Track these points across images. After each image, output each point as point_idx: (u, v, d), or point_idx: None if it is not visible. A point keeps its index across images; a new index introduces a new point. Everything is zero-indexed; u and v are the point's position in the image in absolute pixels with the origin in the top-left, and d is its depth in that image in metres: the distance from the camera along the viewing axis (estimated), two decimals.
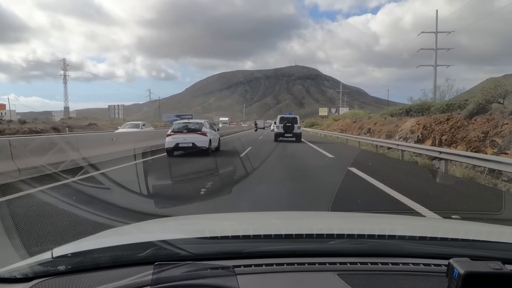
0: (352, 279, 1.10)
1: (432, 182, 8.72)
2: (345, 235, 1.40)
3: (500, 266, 0.94)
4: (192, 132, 13.45)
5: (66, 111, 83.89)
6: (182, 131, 13.48)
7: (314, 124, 61.24)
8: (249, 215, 2.80)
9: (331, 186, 7.21)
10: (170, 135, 13.31)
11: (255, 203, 5.87)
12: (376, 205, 5.77)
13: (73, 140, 10.75)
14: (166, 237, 1.34)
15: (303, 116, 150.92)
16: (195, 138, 13.21)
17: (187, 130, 13.59)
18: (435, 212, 4.99)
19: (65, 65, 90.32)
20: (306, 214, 2.73)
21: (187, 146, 13.06)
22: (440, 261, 1.20)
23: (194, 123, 14.60)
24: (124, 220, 3.44)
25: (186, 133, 13.41)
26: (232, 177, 8.53)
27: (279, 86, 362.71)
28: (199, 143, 13.15)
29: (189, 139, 13.14)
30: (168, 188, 7.15)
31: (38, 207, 5.46)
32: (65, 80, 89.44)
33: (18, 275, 1.17)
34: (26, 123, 35.50)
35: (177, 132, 13.39)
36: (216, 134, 15.70)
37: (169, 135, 13.36)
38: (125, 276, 1.11)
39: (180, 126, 13.90)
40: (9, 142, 7.83)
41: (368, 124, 28.57)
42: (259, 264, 1.18)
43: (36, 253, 1.37)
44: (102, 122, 49.22)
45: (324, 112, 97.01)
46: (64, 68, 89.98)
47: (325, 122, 54.53)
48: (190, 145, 13.03)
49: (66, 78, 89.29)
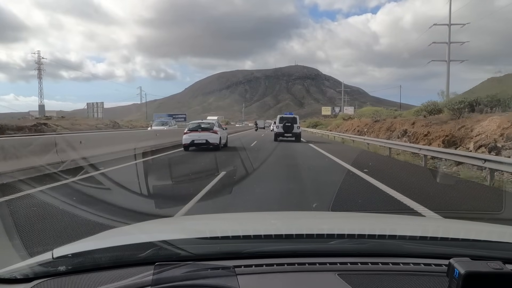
0: (353, 279, 1.10)
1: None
2: (346, 235, 1.40)
3: (501, 266, 0.94)
4: (205, 131, 15.70)
5: (41, 109, 67.79)
6: (197, 130, 15.82)
7: (318, 124, 57.44)
8: (250, 215, 2.81)
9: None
10: (187, 133, 15.63)
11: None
12: (377, 205, 5.77)
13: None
14: (167, 237, 1.35)
15: (303, 116, 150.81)
16: (207, 136, 15.46)
17: (201, 129, 15.84)
18: (435, 212, 4.99)
19: (40, 59, 75.98)
20: (306, 214, 2.74)
21: (201, 142, 15.34)
22: (440, 261, 1.20)
23: (206, 123, 16.94)
24: (125, 221, 3.45)
25: (200, 131, 15.71)
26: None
27: (279, 85, 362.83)
28: (211, 139, 15.40)
29: (203, 136, 15.42)
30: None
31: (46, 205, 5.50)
32: (40, 76, 74.94)
33: (19, 276, 1.17)
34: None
35: (192, 131, 15.76)
36: (225, 132, 18.13)
37: (186, 133, 15.67)
38: (126, 276, 1.11)
39: (195, 126, 16.23)
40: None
41: (402, 124, 21.14)
42: (260, 264, 1.18)
43: (36, 253, 1.37)
44: (80, 121, 41.08)
45: (327, 111, 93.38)
46: (39, 61, 75.43)
47: (333, 122, 48.80)
48: (203, 141, 15.32)
49: (41, 73, 74.73)
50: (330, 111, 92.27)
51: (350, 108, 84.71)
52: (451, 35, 35.12)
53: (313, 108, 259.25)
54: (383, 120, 26.51)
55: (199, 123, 16.68)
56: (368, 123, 28.54)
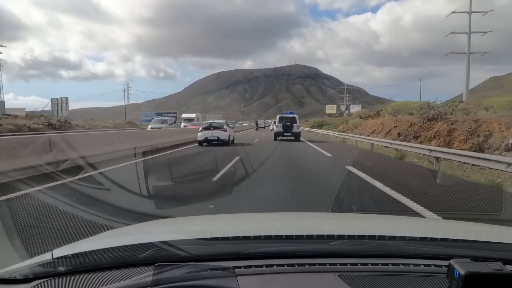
0: (353, 280, 1.10)
1: None
2: (346, 236, 1.40)
3: (501, 266, 0.94)
4: (216, 129, 18.50)
5: (1, 106, 51.99)
6: (209, 128, 18.65)
7: (324, 123, 50.01)
8: (250, 215, 2.82)
9: None
10: (201, 131, 18.45)
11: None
12: (377, 206, 5.76)
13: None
14: (167, 238, 1.35)
15: (303, 115, 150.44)
16: (218, 133, 18.27)
17: (213, 128, 18.65)
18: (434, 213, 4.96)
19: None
20: (306, 215, 2.74)
21: (213, 139, 18.04)
22: (440, 262, 1.20)
23: (217, 122, 19.85)
24: (124, 221, 3.45)
25: (212, 129, 18.49)
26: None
27: (278, 85, 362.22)
28: (221, 136, 18.23)
29: (215, 134, 18.20)
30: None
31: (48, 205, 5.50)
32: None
33: (19, 276, 1.18)
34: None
35: (205, 129, 18.61)
36: (232, 130, 21.01)
37: (200, 131, 18.52)
38: (126, 277, 1.11)
39: (207, 125, 19.04)
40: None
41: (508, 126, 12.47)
42: (260, 265, 1.18)
43: (36, 254, 1.37)
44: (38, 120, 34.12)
45: (332, 110, 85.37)
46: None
47: (350, 121, 37.76)
48: (215, 138, 18.06)
49: (0, 64, 59.64)
50: (336, 109, 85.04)
51: (357, 106, 79.56)
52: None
53: (314, 107, 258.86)
54: (448, 118, 17.03)
55: (211, 123, 19.38)
56: (414, 122, 19.71)
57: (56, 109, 51.05)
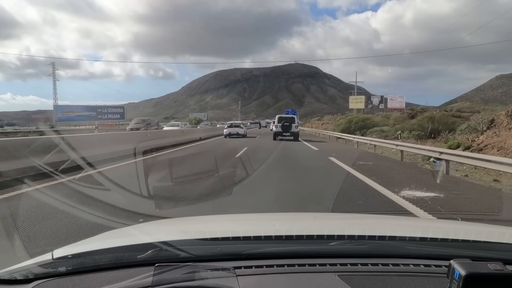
0: (353, 280, 1.10)
1: None
2: (346, 236, 1.40)
3: (501, 267, 0.94)
4: (237, 127, 29.00)
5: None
6: (231, 126, 29.22)
7: (369, 124, 30.65)
8: (250, 216, 2.82)
9: None
10: (226, 129, 28.97)
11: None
12: (377, 206, 5.76)
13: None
14: (167, 239, 1.34)
15: (303, 115, 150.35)
16: (238, 130, 28.61)
17: (234, 126, 29.32)
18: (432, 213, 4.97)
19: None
20: (306, 215, 2.74)
21: (234, 133, 28.11)
22: (441, 262, 1.20)
23: (236, 123, 30.73)
24: (125, 222, 3.45)
25: (234, 127, 28.97)
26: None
27: (278, 84, 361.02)
28: (240, 131, 28.42)
29: (236, 130, 28.53)
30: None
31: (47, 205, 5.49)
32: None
33: (19, 276, 1.18)
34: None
35: (229, 127, 29.03)
36: (245, 128, 31.87)
37: (226, 128, 29.18)
38: (126, 277, 1.11)
39: (230, 125, 29.89)
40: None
41: None
42: (260, 265, 1.18)
43: (36, 254, 1.37)
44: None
45: (359, 103, 59.03)
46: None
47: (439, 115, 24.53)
48: (236, 132, 28.16)
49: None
50: (364, 103, 59.36)
51: (399, 97, 58.85)
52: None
53: (314, 107, 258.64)
54: None
55: (232, 123, 30.54)
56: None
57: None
